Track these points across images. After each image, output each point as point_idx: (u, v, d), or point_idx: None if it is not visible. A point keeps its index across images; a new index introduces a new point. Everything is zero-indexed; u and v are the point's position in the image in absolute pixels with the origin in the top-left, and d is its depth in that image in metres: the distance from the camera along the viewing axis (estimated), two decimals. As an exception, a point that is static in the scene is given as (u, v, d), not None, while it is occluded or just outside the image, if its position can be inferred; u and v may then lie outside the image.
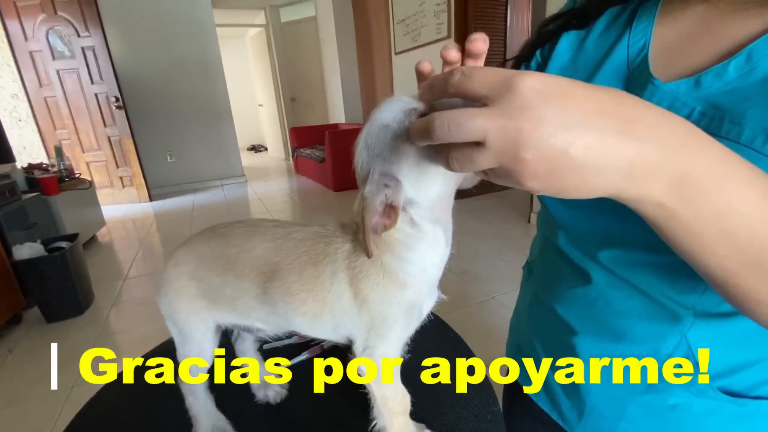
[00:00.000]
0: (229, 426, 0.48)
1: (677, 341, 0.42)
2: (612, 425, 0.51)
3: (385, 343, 0.38)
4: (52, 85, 3.94)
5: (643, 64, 0.41)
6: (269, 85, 6.77)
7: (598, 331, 0.49)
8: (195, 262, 0.44)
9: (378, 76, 4.87)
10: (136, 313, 2.06)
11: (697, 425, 0.45)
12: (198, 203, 4.41)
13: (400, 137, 0.31)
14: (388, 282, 0.36)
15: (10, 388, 1.52)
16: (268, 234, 0.42)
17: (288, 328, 0.44)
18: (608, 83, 0.43)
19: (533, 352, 0.60)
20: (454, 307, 1.84)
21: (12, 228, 2.05)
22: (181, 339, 0.46)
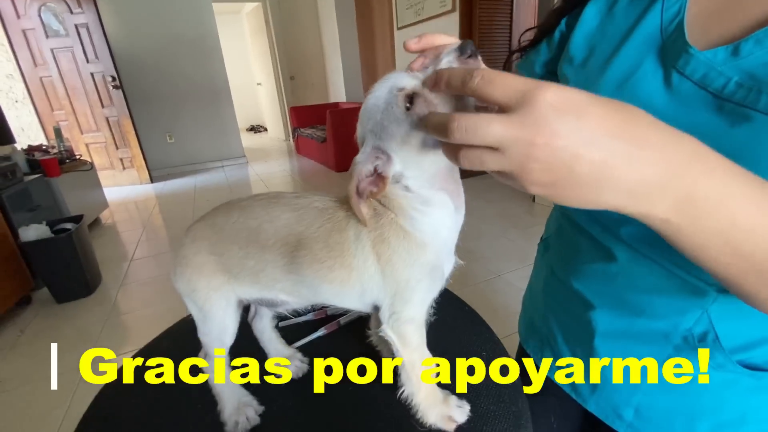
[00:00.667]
0: (254, 401, 0.48)
1: (698, 316, 0.42)
2: (626, 397, 0.51)
3: (410, 306, 0.40)
4: (47, 65, 3.85)
5: (678, 31, 0.39)
6: (267, 63, 6.62)
7: (616, 305, 0.49)
8: (215, 236, 0.44)
9: (379, 53, 4.75)
10: (143, 293, 2.08)
11: (714, 397, 0.45)
12: (200, 185, 4.39)
13: (389, 116, 0.33)
14: (407, 243, 0.38)
15: (23, 367, 1.55)
16: (289, 204, 0.42)
17: (314, 298, 0.44)
18: (639, 52, 0.41)
19: (547, 328, 0.61)
20: (460, 286, 1.85)
21: (16, 210, 2.05)
22: (201, 317, 0.46)
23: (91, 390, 0.53)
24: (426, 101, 0.32)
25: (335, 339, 0.62)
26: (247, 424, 0.46)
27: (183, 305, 0.47)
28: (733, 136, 0.34)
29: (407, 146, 0.34)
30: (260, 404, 0.49)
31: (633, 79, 0.41)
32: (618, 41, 0.43)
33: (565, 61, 0.50)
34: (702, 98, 0.36)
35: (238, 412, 0.46)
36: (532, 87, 0.23)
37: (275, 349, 0.56)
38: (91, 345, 1.64)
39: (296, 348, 0.58)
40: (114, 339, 1.69)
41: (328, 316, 0.66)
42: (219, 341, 0.47)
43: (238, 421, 0.45)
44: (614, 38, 0.44)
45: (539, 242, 0.68)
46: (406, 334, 0.41)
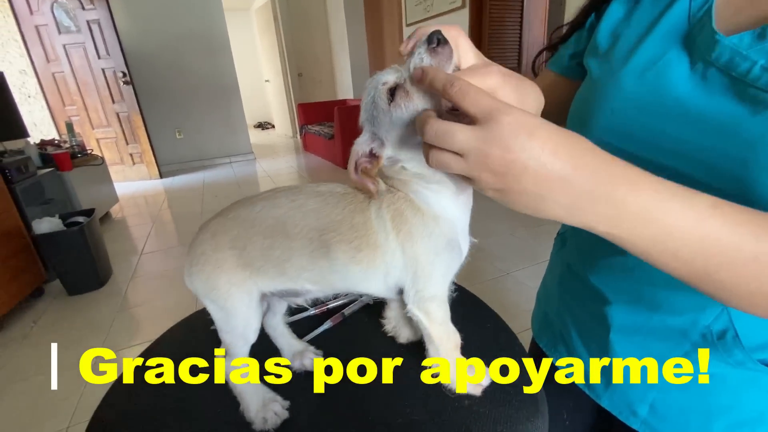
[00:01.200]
0: (278, 396, 0.48)
1: (717, 313, 0.42)
2: (641, 394, 0.50)
3: (432, 282, 0.41)
4: (59, 60, 3.90)
5: (706, 17, 0.38)
6: (275, 59, 6.63)
7: (633, 300, 0.48)
8: (236, 229, 0.43)
9: (388, 50, 4.74)
10: (153, 287, 2.10)
11: (732, 395, 0.45)
12: (208, 180, 4.42)
13: (376, 107, 0.37)
14: (421, 216, 0.40)
15: (37, 356, 1.58)
16: (312, 192, 0.43)
17: (340, 283, 0.44)
18: (665, 40, 0.41)
19: (561, 323, 0.60)
20: (468, 284, 1.85)
21: (30, 203, 2.08)
22: (223, 315, 0.45)
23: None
24: (406, 93, 0.35)
25: (342, 330, 0.62)
26: (276, 419, 0.45)
27: (192, 299, 0.47)
28: (753, 124, 0.33)
29: (393, 132, 0.37)
30: (284, 399, 0.48)
31: (657, 67, 0.40)
32: (644, 30, 0.43)
33: (589, 51, 0.49)
34: (726, 85, 0.35)
35: (265, 408, 0.45)
36: (496, 107, 0.28)
37: (288, 344, 0.56)
38: (103, 337, 1.66)
39: (307, 342, 0.59)
40: (124, 331, 1.71)
41: (329, 310, 0.67)
42: (243, 339, 0.46)
43: (266, 417, 0.44)
44: (640, 27, 0.43)
45: (556, 237, 0.68)
46: (431, 310, 0.43)
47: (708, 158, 0.36)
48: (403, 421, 0.44)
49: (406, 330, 0.57)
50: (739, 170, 0.33)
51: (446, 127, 0.29)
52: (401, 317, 0.57)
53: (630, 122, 0.41)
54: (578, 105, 0.49)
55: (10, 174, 1.97)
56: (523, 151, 0.27)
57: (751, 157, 0.33)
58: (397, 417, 0.45)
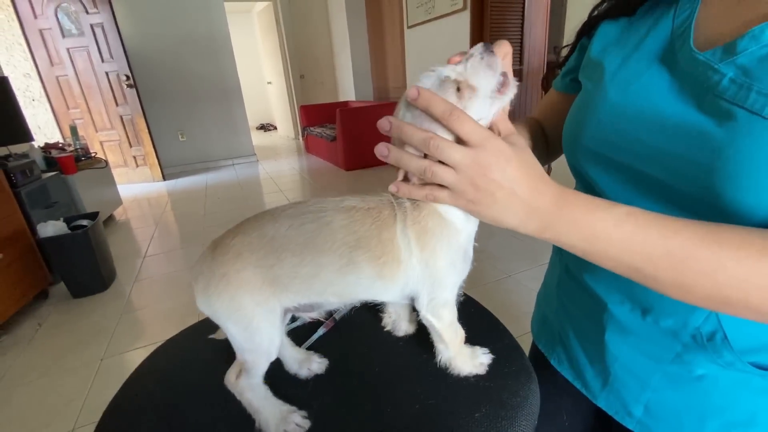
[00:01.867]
0: (294, 408, 0.47)
1: (707, 315, 0.43)
2: (636, 394, 0.52)
3: (445, 289, 0.45)
4: (63, 64, 3.93)
5: (686, 33, 0.40)
6: (278, 61, 6.66)
7: (626, 302, 0.50)
8: (264, 248, 0.43)
9: (389, 52, 4.75)
10: (156, 289, 2.11)
11: (723, 395, 0.46)
12: (211, 182, 4.44)
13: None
14: (447, 230, 0.42)
15: (41, 359, 1.59)
16: (338, 209, 0.43)
17: (363, 295, 0.46)
18: (648, 57, 0.43)
19: (559, 324, 0.62)
20: (470, 286, 1.85)
21: (34, 206, 2.09)
22: (247, 335, 0.44)
23: (108, 383, 0.54)
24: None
25: (336, 334, 0.64)
26: (298, 430, 0.45)
27: (193, 303, 0.45)
28: (720, 134, 0.36)
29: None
30: (300, 409, 0.48)
31: (640, 81, 0.43)
32: (632, 47, 0.45)
33: (583, 68, 0.53)
34: (699, 96, 0.38)
35: (285, 422, 0.45)
36: (485, 137, 0.35)
37: (291, 355, 0.56)
38: (107, 339, 1.67)
39: (305, 349, 0.59)
40: (129, 334, 1.72)
41: (323, 317, 0.67)
42: (266, 356, 0.46)
43: (288, 430, 0.45)
44: (629, 44, 0.46)
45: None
46: (443, 315, 0.47)
47: (681, 166, 0.38)
48: (420, 406, 0.47)
49: (405, 323, 0.60)
50: (707, 178, 0.36)
51: (448, 143, 0.35)
52: (401, 311, 0.59)
53: (614, 132, 0.44)
54: (572, 116, 0.52)
55: (15, 178, 1.99)
56: (501, 173, 0.35)
57: (718, 165, 0.36)
58: (414, 403, 0.47)
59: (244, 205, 3.44)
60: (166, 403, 0.52)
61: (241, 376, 0.47)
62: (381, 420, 0.46)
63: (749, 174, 0.34)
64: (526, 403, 0.47)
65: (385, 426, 0.45)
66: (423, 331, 0.56)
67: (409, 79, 4.26)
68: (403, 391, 0.49)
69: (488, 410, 0.45)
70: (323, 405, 0.49)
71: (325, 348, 0.59)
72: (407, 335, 0.60)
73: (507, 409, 0.46)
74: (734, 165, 0.35)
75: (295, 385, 0.53)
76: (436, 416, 0.45)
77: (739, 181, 0.35)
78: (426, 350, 0.54)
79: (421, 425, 0.44)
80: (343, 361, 0.57)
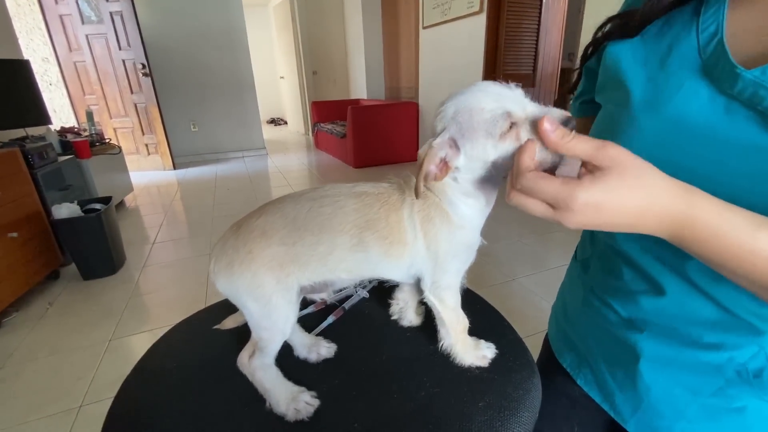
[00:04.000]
0: (303, 389, 0.49)
1: (755, 352, 0.43)
2: (669, 424, 0.50)
3: (448, 274, 0.48)
4: (81, 50, 3.98)
5: (720, 50, 0.38)
6: (291, 57, 6.69)
7: (665, 333, 0.48)
8: (287, 227, 0.46)
9: (403, 52, 4.76)
10: (164, 276, 2.14)
11: (763, 427, 0.45)
12: (221, 173, 4.48)
13: (485, 126, 0.38)
14: (448, 224, 0.45)
15: (51, 337, 1.62)
16: (351, 194, 0.46)
17: (371, 272, 0.49)
18: (678, 75, 0.41)
19: (585, 347, 0.58)
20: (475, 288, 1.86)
21: (49, 188, 2.14)
22: (265, 312, 0.46)
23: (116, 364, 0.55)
24: (517, 135, 0.38)
25: (345, 323, 0.65)
26: (309, 408, 0.46)
27: (202, 289, 0.47)
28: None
29: (478, 154, 0.39)
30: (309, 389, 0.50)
31: (674, 101, 0.41)
32: (656, 66, 0.43)
33: (601, 91, 0.51)
34: (752, 118, 0.36)
35: (295, 401, 0.47)
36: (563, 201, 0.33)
37: (300, 340, 0.58)
38: (115, 321, 1.71)
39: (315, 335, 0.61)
40: (137, 317, 1.75)
41: (328, 306, 0.70)
42: (281, 333, 0.48)
43: (298, 408, 0.46)
44: (651, 64, 0.43)
45: (574, 260, 0.66)
46: (445, 298, 0.49)
47: (748, 183, 0.36)
48: (426, 393, 0.49)
49: (411, 313, 0.62)
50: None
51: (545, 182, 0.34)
52: (409, 300, 0.61)
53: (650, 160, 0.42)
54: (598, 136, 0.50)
55: (33, 160, 2.03)
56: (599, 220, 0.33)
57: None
58: (420, 390, 0.49)
59: (252, 197, 3.47)
60: (180, 380, 0.54)
61: (254, 357, 0.49)
62: (388, 404, 0.47)
63: None
64: (529, 396, 0.48)
65: (392, 409, 0.46)
66: (430, 324, 0.58)
67: (422, 79, 4.27)
68: (409, 379, 0.51)
69: (492, 400, 0.47)
70: (332, 388, 0.51)
71: (333, 335, 0.61)
72: (415, 327, 0.62)
73: (510, 400, 0.47)
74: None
75: (304, 369, 0.55)
76: (442, 403, 0.47)
77: None
78: (432, 342, 0.56)
79: (426, 411, 0.46)
80: (351, 348, 0.58)
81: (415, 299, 0.61)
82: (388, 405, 0.47)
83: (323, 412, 0.47)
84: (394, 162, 4.51)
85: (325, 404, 0.48)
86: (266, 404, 0.48)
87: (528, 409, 0.47)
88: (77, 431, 1.18)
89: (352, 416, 0.46)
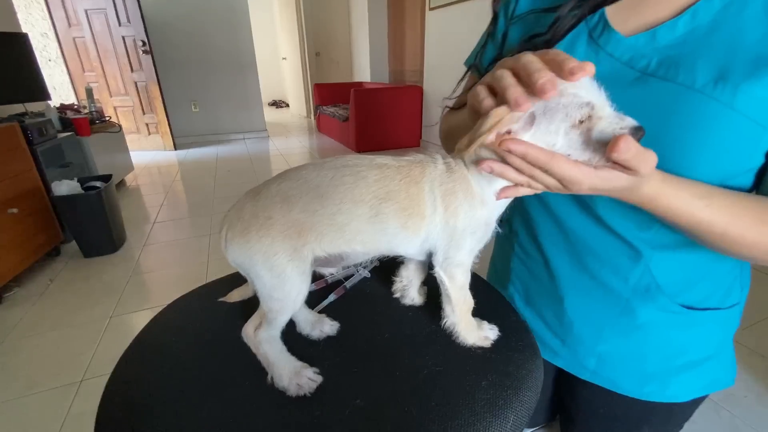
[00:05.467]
0: (306, 365, 0.49)
1: (642, 271, 0.54)
2: (590, 348, 0.63)
3: (462, 252, 0.47)
4: (80, 26, 3.91)
5: (601, 21, 0.49)
6: (294, 37, 6.57)
7: (577, 269, 0.60)
8: (310, 194, 0.44)
9: (408, 34, 4.66)
10: (164, 255, 2.15)
11: (659, 336, 0.58)
12: (222, 155, 4.45)
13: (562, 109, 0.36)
14: (471, 198, 0.44)
15: (52, 313, 1.64)
16: (372, 165, 0.45)
17: (386, 245, 0.48)
18: (569, 38, 0.51)
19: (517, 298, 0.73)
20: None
21: (49, 165, 2.12)
22: (277, 282, 0.45)
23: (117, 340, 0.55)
24: (588, 129, 0.36)
25: (347, 301, 0.65)
26: (311, 383, 0.46)
27: (202, 269, 0.47)
28: (658, 106, 0.44)
29: (547, 134, 0.37)
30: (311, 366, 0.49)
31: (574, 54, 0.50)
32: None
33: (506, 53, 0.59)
34: (630, 75, 0.46)
35: (298, 376, 0.46)
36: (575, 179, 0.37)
37: (304, 316, 0.57)
38: (116, 299, 1.71)
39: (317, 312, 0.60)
40: (137, 295, 1.76)
41: (329, 284, 0.69)
42: (292, 306, 0.47)
43: (300, 384, 0.46)
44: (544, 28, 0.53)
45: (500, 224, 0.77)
46: (456, 275, 0.49)
47: None
48: (428, 371, 0.48)
49: (413, 291, 0.61)
50: (653, 147, 0.36)
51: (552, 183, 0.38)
52: (413, 278, 0.60)
53: None
54: None
55: (32, 135, 2.01)
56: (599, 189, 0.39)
57: (661, 133, 0.43)
58: (422, 368, 0.49)
59: (254, 179, 3.45)
60: (181, 352, 0.54)
61: (261, 328, 0.48)
62: (390, 381, 0.47)
63: (688, 138, 0.43)
64: (531, 376, 0.48)
65: (394, 386, 0.46)
66: (432, 303, 0.58)
67: (427, 63, 4.19)
68: (411, 357, 0.51)
69: (494, 379, 0.46)
70: (334, 364, 0.50)
71: (336, 313, 0.60)
72: (416, 307, 0.61)
73: (512, 379, 0.47)
74: (675, 131, 0.43)
75: (308, 345, 0.55)
76: (443, 381, 0.46)
77: (680, 145, 0.43)
78: (434, 322, 0.55)
79: (428, 388, 0.46)
80: (354, 326, 0.58)
81: (419, 278, 0.60)
82: (390, 382, 0.47)
83: (325, 388, 0.47)
84: (397, 147, 4.47)
85: (327, 380, 0.48)
86: (268, 377, 0.47)
87: (530, 388, 0.46)
88: (79, 404, 1.19)
89: (354, 392, 0.46)
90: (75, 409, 1.18)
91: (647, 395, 0.61)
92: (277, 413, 0.43)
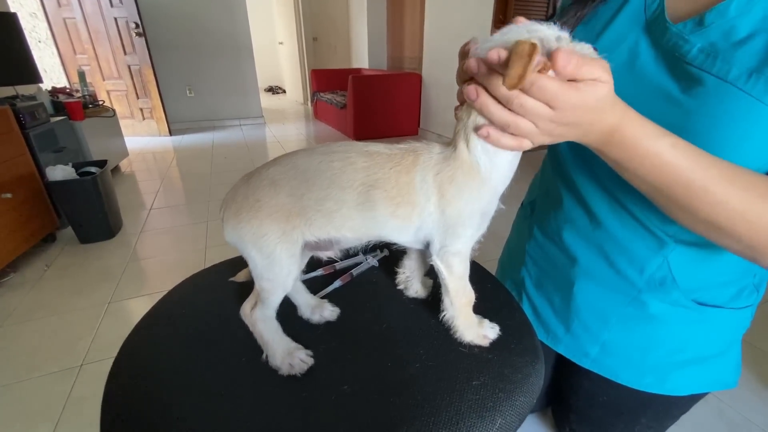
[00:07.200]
0: (300, 346, 0.50)
1: (659, 263, 0.54)
2: (595, 336, 0.63)
3: (460, 240, 0.45)
4: (70, 5, 3.80)
5: (660, 8, 0.47)
6: (291, 21, 6.44)
7: (594, 254, 0.60)
8: (297, 179, 0.45)
9: (407, 20, 4.59)
10: (161, 241, 2.13)
11: (666, 330, 0.58)
12: (217, 141, 4.40)
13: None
14: (472, 180, 0.42)
15: (49, 299, 1.63)
16: (362, 152, 0.45)
17: (377, 233, 0.47)
18: (625, 28, 0.50)
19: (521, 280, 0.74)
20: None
21: (42, 150, 2.08)
22: (267, 263, 0.46)
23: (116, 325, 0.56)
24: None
25: (351, 288, 0.65)
26: (302, 365, 0.47)
27: (199, 256, 0.48)
28: (689, 98, 0.43)
29: None
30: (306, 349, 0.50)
31: (620, 48, 0.50)
32: (608, 19, 0.52)
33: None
34: (672, 64, 0.45)
35: (291, 356, 0.47)
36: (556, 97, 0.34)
37: (305, 300, 0.58)
38: (114, 285, 1.71)
39: (320, 297, 0.61)
40: (135, 281, 1.75)
41: (337, 270, 0.70)
42: (282, 286, 0.48)
43: (293, 364, 0.46)
44: (604, 17, 0.53)
45: (521, 207, 0.80)
46: (453, 264, 0.47)
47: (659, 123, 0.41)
48: (420, 365, 0.48)
49: (417, 283, 0.61)
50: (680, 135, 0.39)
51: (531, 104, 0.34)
52: (416, 269, 0.60)
53: None
54: None
55: (24, 119, 1.97)
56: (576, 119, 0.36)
57: (688, 125, 0.42)
58: (415, 362, 0.48)
59: (250, 166, 3.42)
60: (187, 330, 0.55)
61: (256, 308, 0.49)
62: (380, 371, 0.47)
63: (716, 132, 0.41)
64: (528, 381, 0.47)
65: (384, 377, 0.46)
66: (434, 299, 0.57)
67: (426, 50, 4.13)
68: (406, 349, 0.51)
69: (486, 380, 0.46)
70: (329, 349, 0.51)
71: (338, 300, 0.61)
72: (419, 300, 0.61)
73: (506, 382, 0.46)
74: (702, 125, 0.42)
75: (306, 328, 0.55)
76: (434, 377, 0.46)
77: (707, 139, 0.41)
78: (435, 316, 0.55)
79: (417, 382, 0.45)
80: (354, 314, 0.58)
81: (422, 269, 0.60)
82: (380, 372, 0.47)
83: (316, 371, 0.47)
84: (395, 135, 4.44)
85: (319, 363, 0.48)
86: (263, 356, 0.48)
87: (525, 393, 0.45)
88: (79, 388, 1.20)
89: (343, 378, 0.46)
90: (76, 392, 1.18)
91: (646, 386, 0.61)
92: (265, 389, 0.45)
